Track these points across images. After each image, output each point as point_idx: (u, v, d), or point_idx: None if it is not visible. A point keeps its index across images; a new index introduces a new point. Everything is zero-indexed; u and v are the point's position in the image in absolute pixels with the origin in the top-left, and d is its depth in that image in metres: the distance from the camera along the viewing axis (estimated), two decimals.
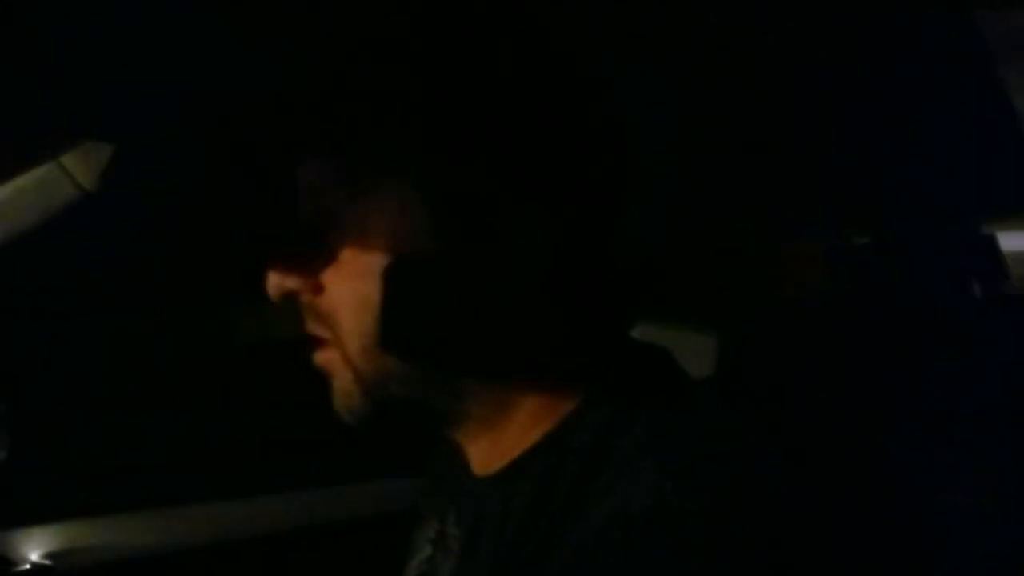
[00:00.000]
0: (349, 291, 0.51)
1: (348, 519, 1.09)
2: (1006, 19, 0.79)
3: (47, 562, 0.94)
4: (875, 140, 0.84)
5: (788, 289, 0.99)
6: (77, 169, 0.74)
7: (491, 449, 0.55)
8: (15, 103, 0.62)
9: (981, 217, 0.84)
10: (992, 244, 0.83)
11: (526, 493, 0.51)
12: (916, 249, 0.86)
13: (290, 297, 0.53)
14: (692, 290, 1.04)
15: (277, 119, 0.55)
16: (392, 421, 0.55)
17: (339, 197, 0.51)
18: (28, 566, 0.93)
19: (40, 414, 1.08)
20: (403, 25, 0.52)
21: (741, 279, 1.04)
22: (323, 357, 0.54)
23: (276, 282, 0.53)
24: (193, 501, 1.03)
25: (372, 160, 0.50)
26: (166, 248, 0.89)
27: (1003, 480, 0.76)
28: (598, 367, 0.54)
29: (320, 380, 0.55)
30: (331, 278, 0.52)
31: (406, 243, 0.50)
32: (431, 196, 0.49)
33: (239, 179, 0.60)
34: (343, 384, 0.53)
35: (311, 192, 0.53)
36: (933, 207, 0.83)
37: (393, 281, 0.50)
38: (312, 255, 0.52)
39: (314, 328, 0.54)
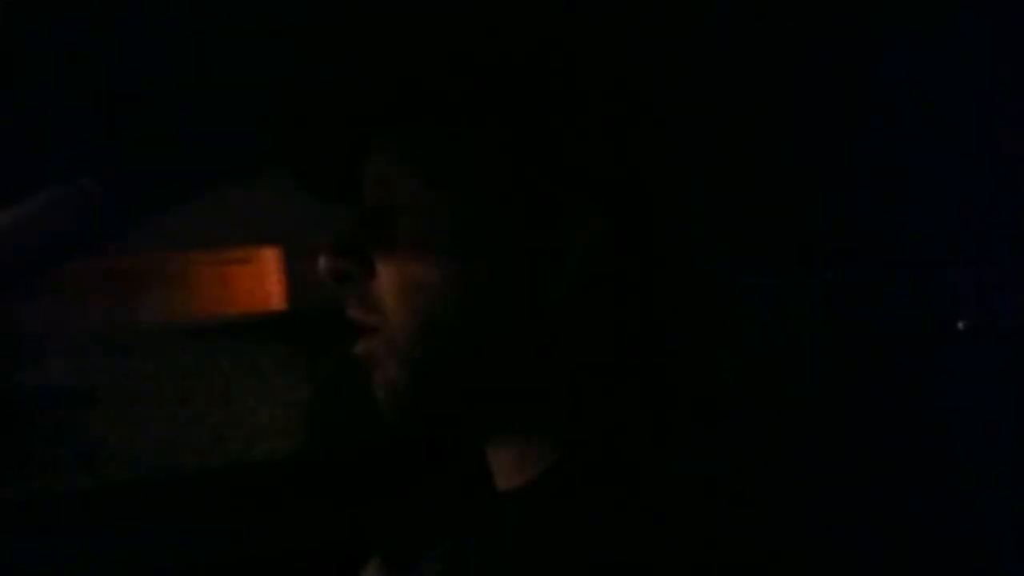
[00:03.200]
0: (408, 275, 0.52)
1: None
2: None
3: None
4: (856, 181, 0.87)
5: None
6: None
7: (518, 463, 0.55)
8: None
9: (962, 255, 0.87)
10: (973, 280, 0.86)
11: (547, 509, 0.51)
12: (897, 286, 0.89)
13: (341, 278, 0.54)
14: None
15: (356, 103, 0.56)
16: (431, 418, 0.55)
17: (406, 184, 0.53)
18: None
19: None
20: (481, 21, 0.54)
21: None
22: (367, 345, 0.54)
23: (330, 263, 0.54)
24: None
25: (444, 149, 0.52)
26: None
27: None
28: (630, 384, 0.54)
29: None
30: (389, 262, 0.52)
31: (470, 232, 0.51)
32: (497, 189, 0.51)
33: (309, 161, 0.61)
34: (388, 373, 0.53)
35: (378, 176, 0.54)
36: (912, 246, 0.86)
37: (455, 268, 0.51)
38: (372, 238, 0.53)
39: (361, 314, 0.54)
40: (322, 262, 0.54)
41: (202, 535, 1.14)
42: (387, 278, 0.52)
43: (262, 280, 1.56)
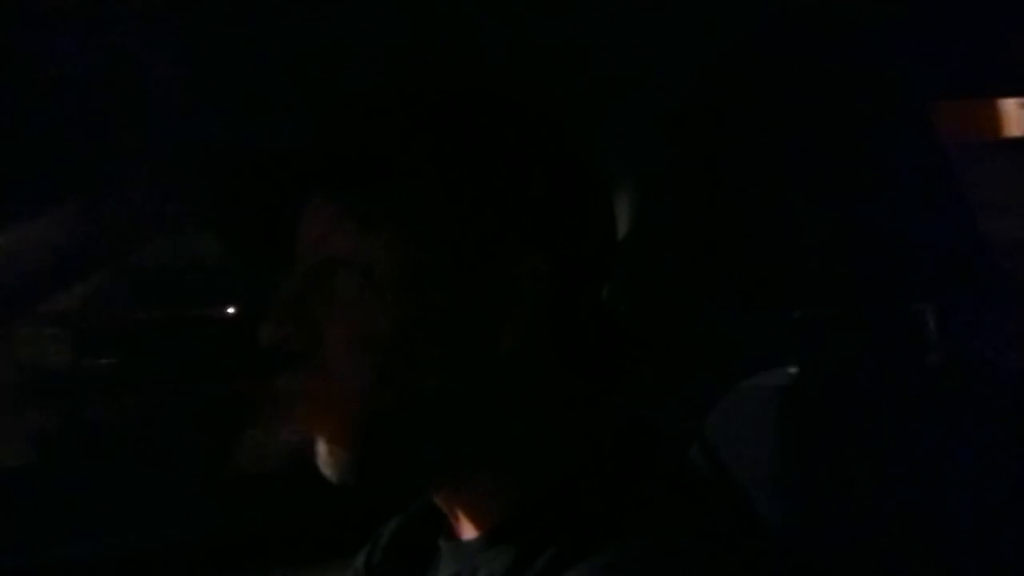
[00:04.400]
0: (355, 333, 0.51)
1: None
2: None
3: None
4: (834, 215, 0.87)
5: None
6: None
7: (479, 510, 0.54)
8: None
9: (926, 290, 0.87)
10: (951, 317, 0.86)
11: (506, 560, 0.51)
12: (875, 322, 0.89)
13: (285, 347, 0.52)
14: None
15: (290, 164, 0.56)
16: (384, 474, 0.54)
17: (346, 240, 0.52)
18: None
19: None
20: (415, 81, 0.55)
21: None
22: (309, 412, 0.53)
23: (274, 327, 0.52)
24: None
25: (382, 204, 0.52)
26: None
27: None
28: (590, 429, 0.55)
29: None
30: (336, 321, 0.51)
31: (412, 284, 0.51)
32: (436, 240, 0.51)
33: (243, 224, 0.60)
34: (332, 433, 0.52)
35: (316, 235, 0.53)
36: (889, 280, 0.86)
37: (400, 322, 0.50)
38: (312, 300, 0.52)
39: (300, 380, 0.53)
40: (264, 331, 0.53)
41: None
42: (332, 338, 0.51)
43: None
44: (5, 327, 1.19)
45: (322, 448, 0.53)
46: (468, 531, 0.55)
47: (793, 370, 0.91)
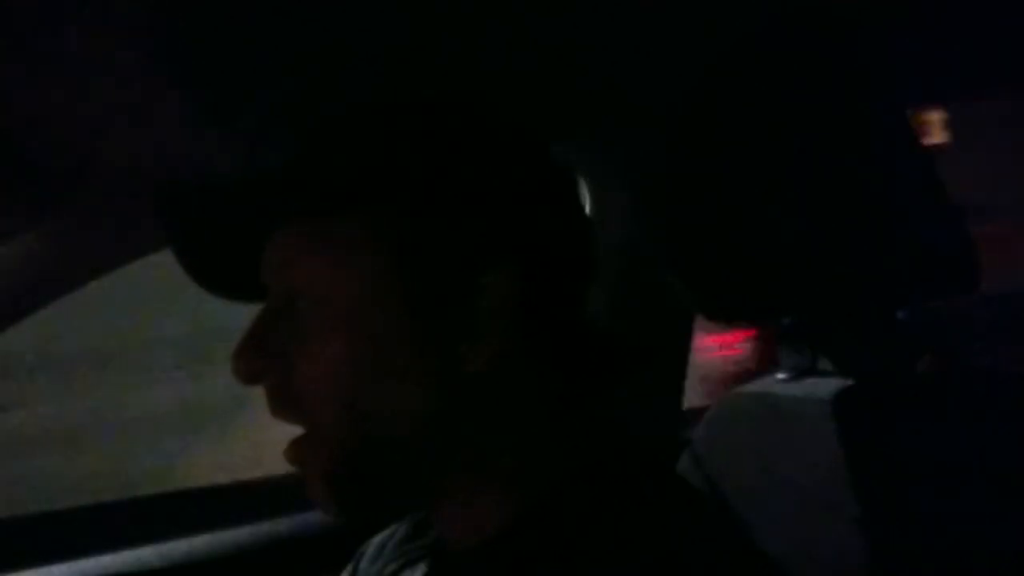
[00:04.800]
0: (322, 364, 0.50)
1: None
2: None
3: None
4: (817, 220, 0.87)
5: None
6: None
7: (467, 525, 0.54)
8: None
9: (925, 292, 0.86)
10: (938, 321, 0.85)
11: (503, 571, 0.51)
12: (862, 327, 0.88)
13: (259, 379, 0.53)
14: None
15: (254, 192, 0.55)
16: (370, 497, 0.54)
17: (309, 269, 0.52)
18: None
19: None
20: (377, 105, 0.54)
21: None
22: (294, 448, 0.53)
23: (245, 363, 0.52)
24: None
25: (342, 231, 0.51)
26: None
27: None
28: (573, 441, 0.54)
29: None
30: (303, 353, 0.51)
31: (372, 313, 0.50)
32: (398, 265, 0.51)
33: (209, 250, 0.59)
34: (319, 464, 0.52)
35: (281, 265, 0.53)
36: (875, 285, 0.85)
37: (367, 349, 0.50)
38: (281, 333, 0.52)
39: (284, 414, 0.53)
40: (236, 365, 0.52)
41: None
42: (303, 369, 0.51)
43: None
44: None
45: (313, 482, 0.53)
46: (458, 543, 0.55)
47: (782, 376, 0.91)
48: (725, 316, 0.99)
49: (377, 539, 0.66)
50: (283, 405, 0.52)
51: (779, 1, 0.62)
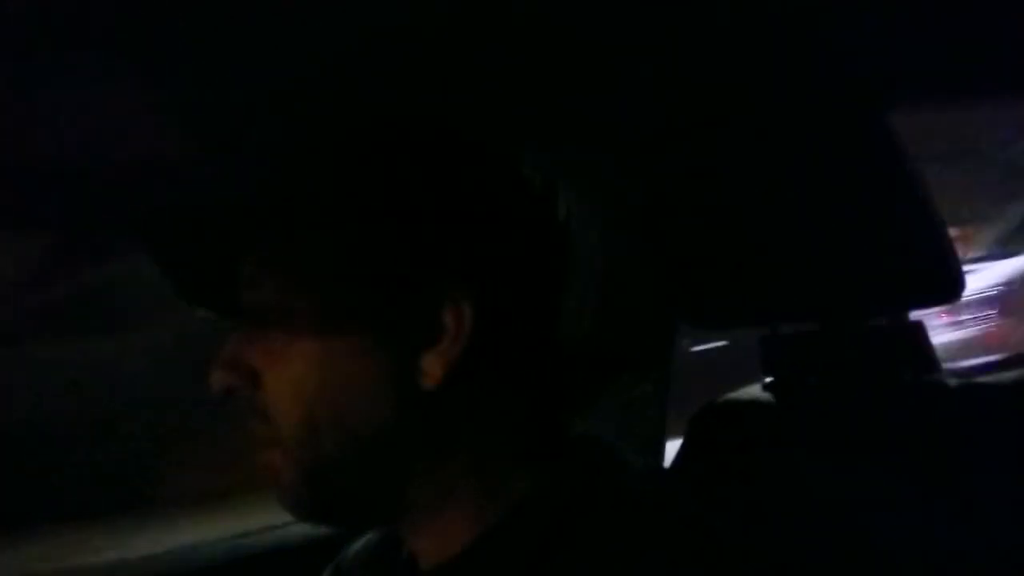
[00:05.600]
0: (285, 379, 0.52)
1: None
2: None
3: None
4: (800, 229, 0.86)
5: None
6: None
7: (435, 540, 0.55)
8: None
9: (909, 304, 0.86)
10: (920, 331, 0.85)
11: None
12: (849, 338, 0.88)
13: (232, 392, 0.54)
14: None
15: (220, 220, 0.56)
16: (336, 513, 0.56)
17: (274, 285, 0.53)
18: None
19: None
20: (336, 124, 0.56)
21: None
22: (266, 458, 0.54)
23: (219, 377, 0.54)
24: None
25: (305, 248, 0.53)
26: None
27: None
28: (541, 455, 0.55)
29: None
30: (269, 368, 0.53)
31: (331, 330, 0.52)
32: (359, 283, 0.52)
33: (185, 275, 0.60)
34: (287, 477, 0.53)
35: (249, 281, 0.55)
36: (864, 296, 0.85)
37: (328, 366, 0.52)
38: (251, 348, 0.54)
39: (257, 426, 0.54)
40: (213, 379, 0.54)
41: None
42: (271, 384, 0.53)
43: None
44: None
45: (280, 493, 0.54)
46: (428, 559, 0.56)
47: (768, 381, 0.91)
48: (707, 324, 0.99)
49: (352, 550, 0.66)
50: (256, 419, 0.54)
51: (763, 8, 0.62)
